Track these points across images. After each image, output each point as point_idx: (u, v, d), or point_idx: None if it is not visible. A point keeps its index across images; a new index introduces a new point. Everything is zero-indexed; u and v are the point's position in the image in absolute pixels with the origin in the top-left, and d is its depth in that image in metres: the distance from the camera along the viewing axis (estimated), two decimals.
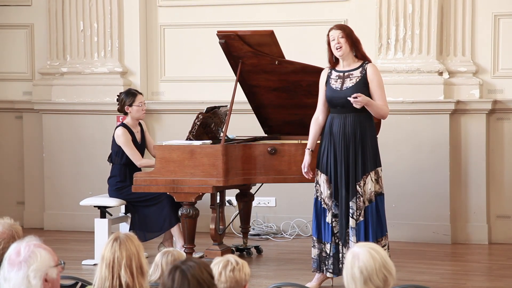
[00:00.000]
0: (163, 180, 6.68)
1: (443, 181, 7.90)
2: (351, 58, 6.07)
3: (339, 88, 6.02)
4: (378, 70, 6.09)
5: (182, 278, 2.88)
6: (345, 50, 6.02)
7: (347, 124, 5.98)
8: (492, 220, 8.00)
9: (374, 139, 6.09)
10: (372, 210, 5.96)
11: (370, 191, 5.97)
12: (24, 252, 2.90)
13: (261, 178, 6.75)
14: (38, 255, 2.92)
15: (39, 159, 8.89)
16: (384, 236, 6.01)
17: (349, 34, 6.04)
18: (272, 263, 7.20)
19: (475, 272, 6.94)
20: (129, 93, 7.37)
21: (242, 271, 3.38)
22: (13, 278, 2.87)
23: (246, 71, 7.05)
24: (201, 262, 2.98)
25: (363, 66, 6.05)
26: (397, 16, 7.98)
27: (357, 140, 5.97)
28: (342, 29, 6.05)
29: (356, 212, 5.93)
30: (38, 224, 8.84)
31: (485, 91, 7.99)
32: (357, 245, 3.05)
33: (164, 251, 3.77)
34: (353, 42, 6.04)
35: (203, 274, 2.93)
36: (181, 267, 2.92)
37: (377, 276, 2.96)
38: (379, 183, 6.03)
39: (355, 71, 6.04)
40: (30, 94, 8.99)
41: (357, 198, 5.94)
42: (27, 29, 9.03)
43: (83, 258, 7.28)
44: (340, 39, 6.01)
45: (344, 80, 6.02)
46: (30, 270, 2.85)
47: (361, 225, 5.93)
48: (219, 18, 8.51)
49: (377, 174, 6.01)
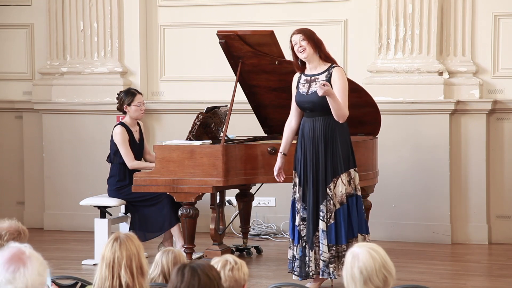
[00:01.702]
0: (163, 180, 6.68)
1: (443, 181, 7.91)
2: (317, 60, 6.07)
3: (306, 92, 6.06)
4: (343, 74, 6.08)
5: (192, 274, 2.90)
6: (309, 52, 6.03)
7: (316, 127, 6.01)
8: (492, 220, 8.01)
9: (345, 141, 6.03)
10: (344, 212, 5.95)
11: (341, 193, 5.96)
12: (27, 250, 2.87)
13: (261, 178, 6.75)
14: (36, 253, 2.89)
15: (39, 159, 8.90)
16: (355, 238, 5.98)
17: (310, 36, 6.06)
18: (272, 263, 7.20)
19: (475, 272, 6.94)
20: (129, 93, 7.37)
21: (241, 271, 3.38)
22: (27, 275, 2.77)
23: (246, 71, 7.06)
24: (208, 262, 3.00)
25: (329, 70, 6.05)
26: (397, 16, 7.99)
27: (327, 143, 5.98)
28: (302, 33, 6.07)
29: (326, 215, 5.94)
30: (38, 224, 8.85)
31: (485, 91, 7.99)
32: (356, 245, 3.05)
33: (164, 249, 3.78)
34: (315, 43, 6.05)
35: (213, 271, 2.95)
36: (190, 264, 2.94)
37: (377, 277, 2.96)
38: (351, 184, 6.00)
39: (321, 75, 6.05)
40: (30, 94, 8.99)
41: (327, 201, 5.94)
42: (27, 29, 9.03)
43: (83, 258, 7.28)
44: (302, 42, 6.04)
45: (310, 84, 6.05)
46: (39, 264, 2.81)
47: (331, 227, 5.93)
48: (219, 18, 8.52)
49: (349, 175, 6.00)
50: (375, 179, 6.91)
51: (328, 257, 5.94)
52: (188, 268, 2.92)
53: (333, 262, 5.94)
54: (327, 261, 5.94)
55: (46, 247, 7.49)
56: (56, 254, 7.50)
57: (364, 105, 6.85)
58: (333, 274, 5.95)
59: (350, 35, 8.30)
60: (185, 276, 2.89)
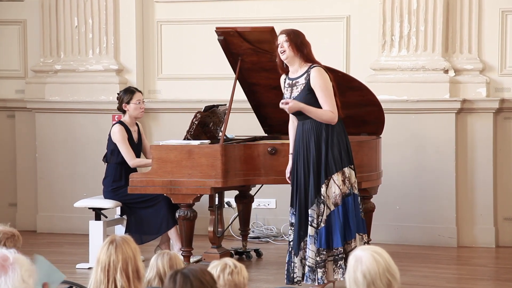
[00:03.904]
0: (160, 181, 6.69)
1: (448, 182, 7.91)
2: (298, 63, 6.06)
3: (288, 97, 6.06)
4: (322, 73, 6.00)
5: (184, 280, 2.90)
6: (289, 55, 6.02)
7: (304, 131, 6.02)
8: (499, 222, 8.01)
9: (338, 141, 5.99)
10: (339, 214, 5.92)
11: (335, 195, 5.93)
12: (11, 256, 2.86)
13: (261, 179, 6.76)
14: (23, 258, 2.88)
15: (32, 159, 8.90)
16: (353, 239, 5.96)
17: (293, 38, 6.03)
18: (272, 266, 7.21)
19: (482, 276, 6.94)
20: (128, 91, 7.39)
21: (240, 274, 3.39)
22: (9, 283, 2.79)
23: (246, 69, 7.06)
24: (203, 266, 2.99)
25: (308, 71, 6.02)
26: (401, 12, 7.99)
27: (317, 145, 5.96)
28: (286, 34, 6.06)
29: (316, 219, 5.93)
30: (31, 226, 8.85)
31: (492, 89, 8.00)
32: (360, 248, 3.05)
33: (160, 252, 3.78)
34: (297, 46, 6.02)
35: (206, 276, 2.95)
36: (182, 271, 2.94)
37: (380, 281, 2.96)
38: (347, 184, 5.97)
39: (300, 78, 6.04)
40: (22, 92, 8.99)
41: (317, 205, 5.92)
42: (19, 25, 9.03)
43: (77, 261, 7.28)
44: (284, 43, 6.04)
45: (292, 88, 6.06)
46: (23, 270, 2.81)
47: (322, 231, 5.91)
48: (218, 14, 8.52)
49: (343, 175, 5.97)
50: (379, 180, 6.91)
51: (313, 262, 5.92)
52: (180, 274, 2.92)
53: (322, 267, 5.90)
54: (313, 266, 5.92)
55: (39, 250, 7.46)
56: (49, 257, 7.40)
57: (367, 104, 6.86)
58: (321, 279, 5.91)
59: (352, 31, 8.30)
60: (177, 283, 2.90)
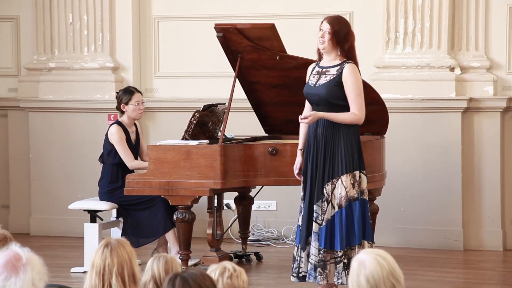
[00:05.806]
0: (157, 182, 6.68)
1: (455, 183, 7.91)
2: (334, 55, 6.01)
3: (314, 84, 6.01)
4: (356, 71, 5.97)
5: (183, 284, 2.89)
6: (327, 47, 5.98)
7: (319, 124, 5.96)
8: (507, 225, 8.01)
9: (350, 141, 5.94)
10: (341, 216, 5.87)
11: (341, 196, 5.88)
12: (24, 256, 2.86)
13: (261, 180, 6.76)
14: (36, 259, 2.90)
15: (25, 160, 8.90)
16: (358, 245, 5.89)
17: (337, 31, 5.95)
18: (273, 270, 7.21)
19: (489, 280, 6.94)
20: (127, 91, 7.38)
21: (240, 278, 3.38)
22: (18, 285, 2.78)
23: (246, 67, 7.06)
24: (203, 270, 2.99)
25: (342, 64, 5.97)
26: (406, 8, 7.99)
27: (328, 141, 5.92)
28: (331, 24, 5.97)
29: (320, 216, 5.91)
30: (24, 229, 8.84)
31: (499, 87, 8.00)
32: (363, 252, 3.05)
33: (156, 255, 3.78)
34: (338, 40, 5.97)
35: (206, 281, 2.94)
36: (182, 274, 2.93)
37: (384, 285, 2.96)
38: (356, 188, 5.90)
39: (332, 69, 5.99)
40: (15, 91, 8.99)
41: (322, 202, 5.90)
42: (12, 22, 9.03)
43: (72, 265, 7.29)
44: (326, 34, 5.97)
45: (320, 76, 6.01)
46: (35, 272, 2.81)
47: (323, 230, 5.89)
48: (217, 11, 8.52)
49: (353, 178, 5.90)
50: (383, 182, 6.91)
51: (316, 260, 5.90)
52: (179, 278, 2.91)
53: (322, 266, 5.86)
54: (315, 264, 5.91)
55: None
56: (43, 261, 7.49)
57: (371, 102, 6.84)
58: (318, 280, 5.90)
59: (356, 28, 8.25)
60: (176, 287, 2.89)
